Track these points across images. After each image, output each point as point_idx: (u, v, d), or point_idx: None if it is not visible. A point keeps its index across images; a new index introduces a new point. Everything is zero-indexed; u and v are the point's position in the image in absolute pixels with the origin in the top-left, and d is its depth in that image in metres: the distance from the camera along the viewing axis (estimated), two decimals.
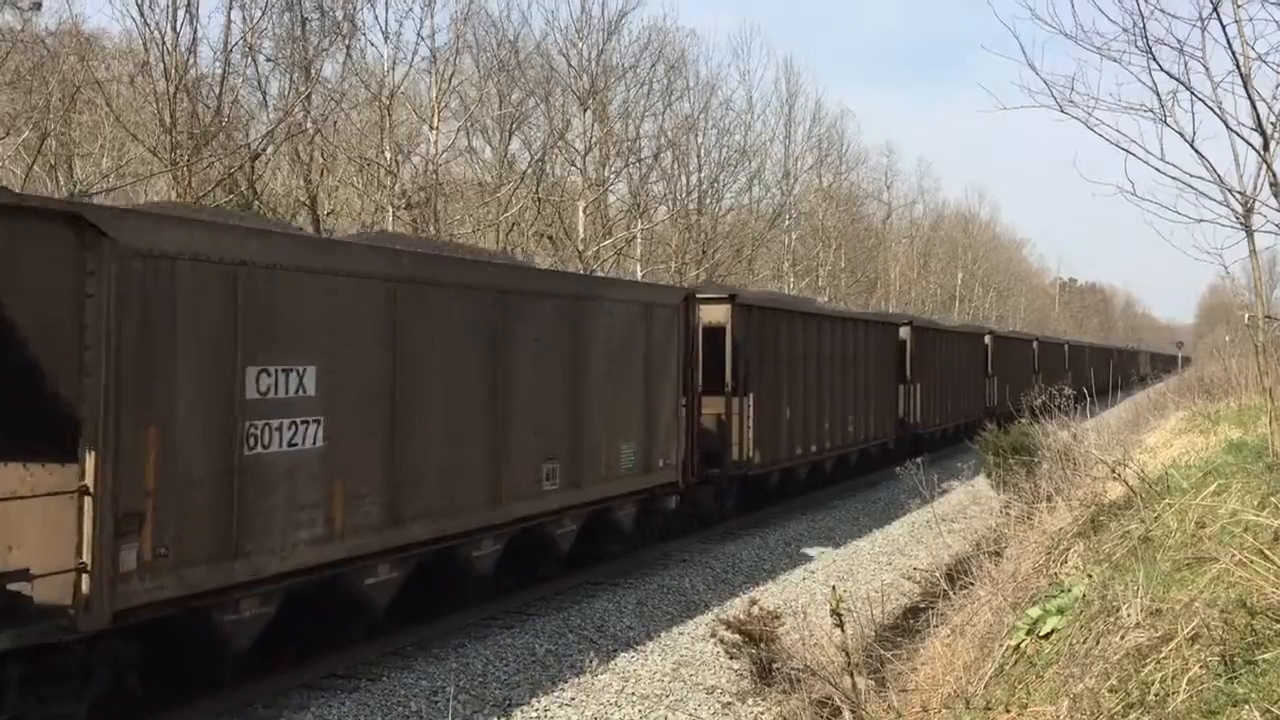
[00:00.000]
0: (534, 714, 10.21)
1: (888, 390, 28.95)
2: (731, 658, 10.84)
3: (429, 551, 11.70)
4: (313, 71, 23.42)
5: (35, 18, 21.91)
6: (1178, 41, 9.03)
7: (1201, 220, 9.33)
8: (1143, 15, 9.06)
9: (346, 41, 24.48)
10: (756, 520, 20.85)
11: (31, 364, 8.19)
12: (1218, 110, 9.04)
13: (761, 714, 10.24)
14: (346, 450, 10.35)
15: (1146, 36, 9.07)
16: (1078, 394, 20.55)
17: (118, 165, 22.74)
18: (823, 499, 24.15)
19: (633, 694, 10.86)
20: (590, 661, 11.59)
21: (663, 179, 36.08)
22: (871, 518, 22.37)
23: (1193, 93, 9.09)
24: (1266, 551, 6.16)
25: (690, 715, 10.40)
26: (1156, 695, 5.39)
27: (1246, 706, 4.98)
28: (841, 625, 8.10)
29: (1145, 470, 11.69)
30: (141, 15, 19.39)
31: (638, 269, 33.06)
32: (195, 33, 20.02)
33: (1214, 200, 9.28)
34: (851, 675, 8.39)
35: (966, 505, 20.50)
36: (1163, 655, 5.66)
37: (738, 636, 10.67)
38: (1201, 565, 6.87)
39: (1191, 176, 9.16)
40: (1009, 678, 7.47)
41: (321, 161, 25.84)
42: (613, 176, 33.23)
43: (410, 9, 29.36)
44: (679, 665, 11.82)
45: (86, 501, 8.09)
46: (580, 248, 30.09)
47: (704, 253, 36.14)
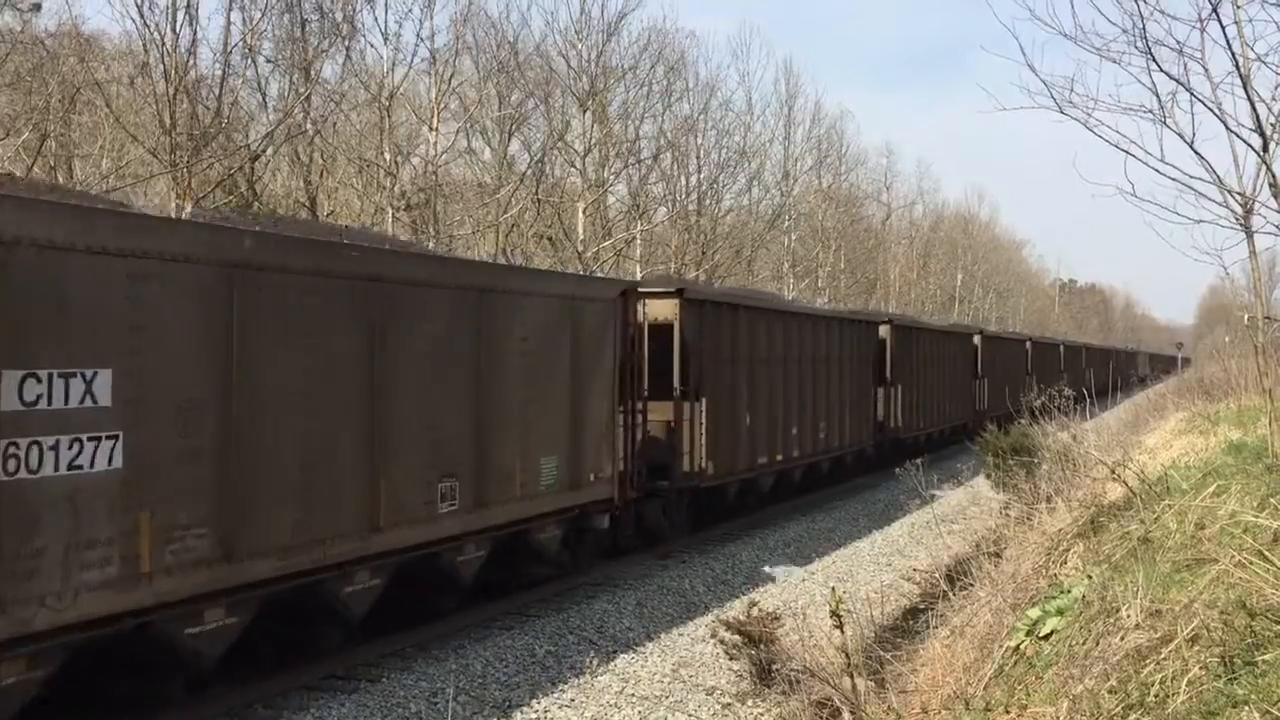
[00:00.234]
0: (534, 715, 10.21)
1: (865, 393, 27.32)
2: (731, 659, 10.84)
3: (282, 590, 9.87)
4: (312, 73, 23.41)
5: (35, 19, 21.95)
6: (1177, 42, 9.06)
7: (1201, 221, 9.36)
8: (1142, 16, 9.09)
9: (346, 43, 24.47)
10: (755, 521, 20.82)
11: None
12: (1217, 111, 9.05)
13: (761, 715, 10.24)
14: (158, 472, 8.54)
15: (1146, 37, 9.09)
16: (1076, 395, 20.51)
17: (117, 166, 22.74)
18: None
19: (633, 695, 10.87)
20: (590, 662, 11.59)
21: (662, 180, 36.07)
22: (871, 519, 22.36)
23: (1192, 94, 9.11)
24: (1266, 553, 6.16)
25: (690, 716, 10.40)
26: (1156, 696, 5.39)
27: (1246, 708, 4.98)
28: (841, 626, 8.10)
29: (1145, 471, 11.69)
30: (141, 17, 19.31)
31: (637, 270, 33.04)
32: (195, 34, 19.96)
33: (1213, 201, 9.30)
34: (851, 676, 8.39)
35: (966, 506, 20.49)
36: (1162, 656, 5.66)
37: (737, 637, 10.67)
38: (1201, 566, 6.87)
39: (1191, 177, 9.19)
40: (1009, 679, 7.47)
41: (321, 163, 25.86)
42: (612, 177, 33.21)
43: (410, 10, 29.32)
44: (679, 666, 11.82)
45: None
46: (580, 249, 30.08)
47: (704, 254, 36.11)
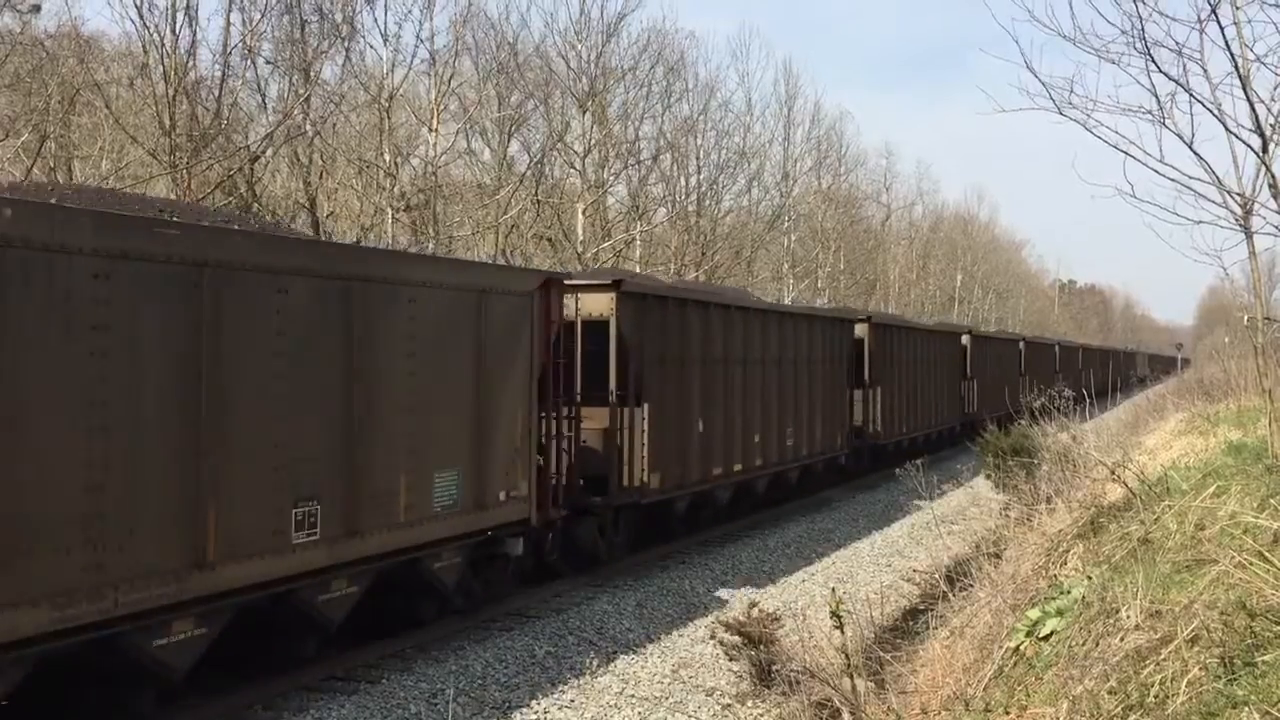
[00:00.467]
0: (534, 716, 10.20)
1: (840, 396, 25.35)
2: (731, 659, 10.84)
3: (60, 648, 7.98)
4: (312, 74, 23.43)
5: (34, 20, 21.93)
6: (1176, 43, 9.05)
7: (1200, 222, 9.35)
8: (1141, 17, 9.08)
9: (346, 44, 24.50)
10: (754, 523, 20.80)
11: None
12: (1216, 112, 9.05)
13: (761, 715, 10.24)
14: None
15: (1145, 38, 9.09)
16: (1075, 397, 20.50)
17: (117, 168, 22.72)
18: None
19: (632, 696, 10.86)
20: (590, 663, 11.59)
21: (662, 181, 36.12)
22: (871, 519, 22.36)
23: (1191, 94, 9.10)
24: (1266, 553, 6.16)
25: (690, 717, 10.40)
26: (1156, 697, 5.39)
27: (1246, 709, 4.98)
28: (841, 627, 8.10)
29: (1145, 472, 11.70)
30: (141, 18, 19.39)
31: (637, 270, 33.03)
32: (195, 35, 20.04)
33: (1213, 202, 9.29)
34: (851, 677, 8.39)
35: (966, 507, 20.50)
36: (1162, 657, 5.66)
37: (737, 638, 10.67)
38: (1201, 567, 6.87)
39: (1190, 178, 9.18)
40: (1008, 679, 7.48)
41: (321, 164, 25.86)
42: (612, 178, 33.26)
43: (409, 11, 29.52)
44: (679, 667, 11.82)
45: None
46: (579, 250, 30.10)
47: (703, 255, 36.14)
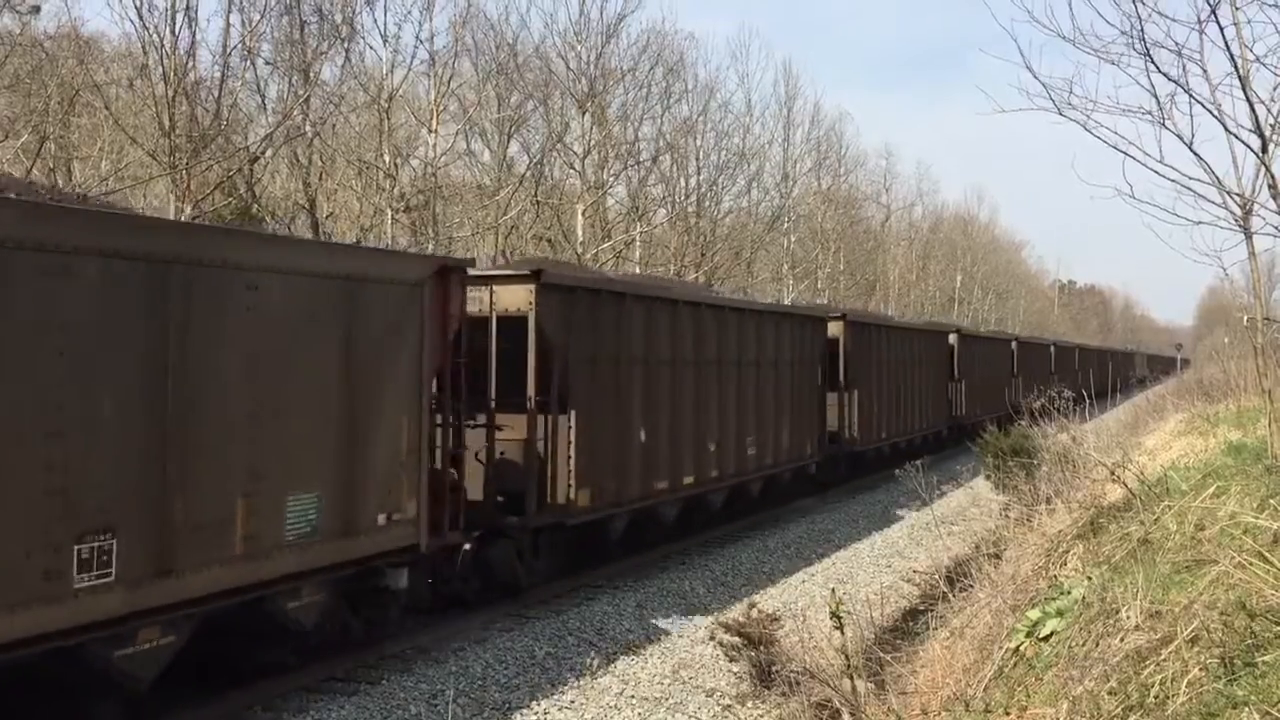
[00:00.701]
0: (534, 717, 10.21)
1: (812, 400, 23.34)
2: (731, 660, 10.84)
3: None
4: (311, 75, 23.43)
5: (34, 21, 21.94)
6: (1176, 44, 9.04)
7: (1200, 223, 9.33)
8: (1140, 18, 9.07)
9: (345, 45, 24.50)
10: (753, 524, 20.78)
11: None
12: (1216, 112, 9.05)
13: (761, 716, 10.24)
14: None
15: (1144, 39, 9.08)
16: (1075, 397, 20.47)
17: (116, 169, 22.74)
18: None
19: (632, 696, 10.87)
20: (590, 664, 11.60)
21: (661, 182, 36.13)
22: (871, 520, 22.36)
23: (1191, 95, 9.09)
24: (1266, 554, 6.15)
25: (690, 717, 10.40)
26: (1156, 698, 5.39)
27: (1246, 709, 4.98)
28: (841, 628, 8.10)
29: (1144, 472, 11.69)
30: (140, 19, 19.39)
31: (636, 271, 33.06)
32: (194, 36, 20.05)
33: (1212, 202, 9.28)
34: (851, 678, 8.39)
35: (966, 507, 20.50)
36: (1162, 657, 5.66)
37: (737, 639, 10.67)
38: (1201, 567, 6.87)
39: (1190, 179, 9.17)
40: (1008, 680, 7.48)
41: (320, 165, 25.86)
42: (611, 179, 33.26)
43: (409, 12, 29.56)
44: (679, 668, 11.82)
45: None
46: (579, 251, 30.10)
47: (703, 256, 36.15)
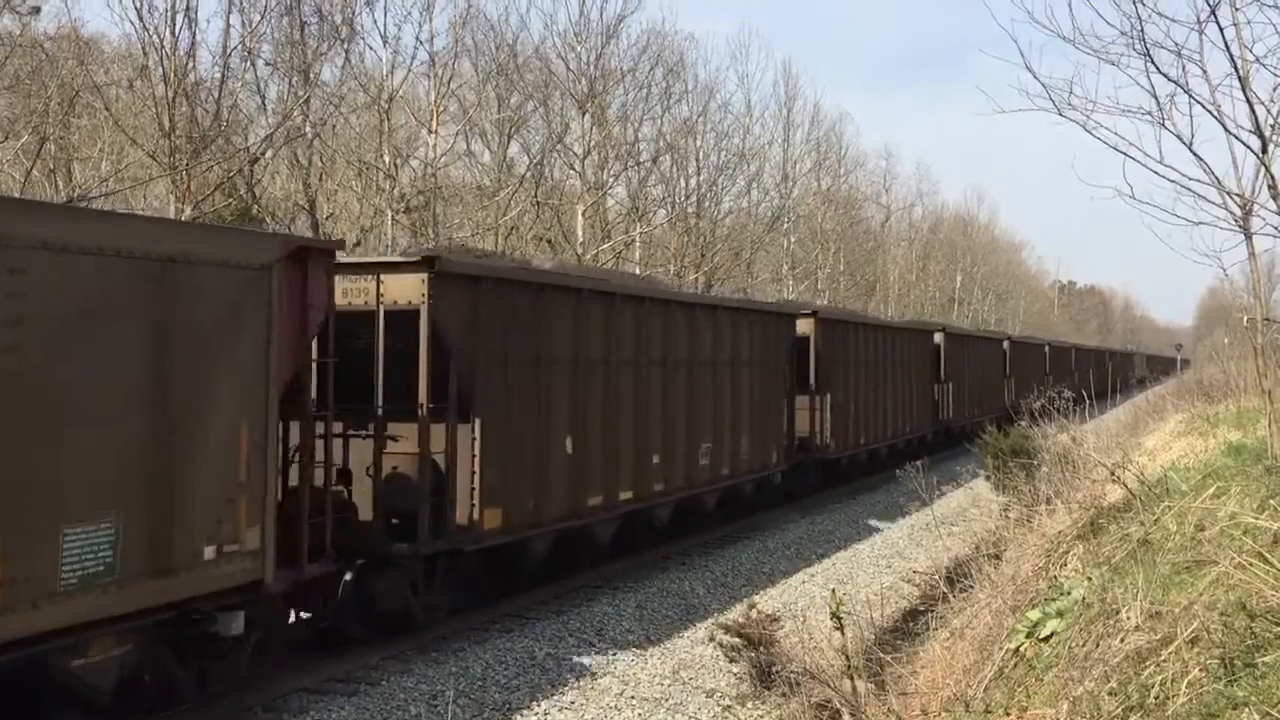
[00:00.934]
0: (534, 717, 10.21)
1: (778, 404, 21.77)
2: (731, 661, 10.85)
3: None
4: (311, 75, 23.45)
5: (34, 21, 21.95)
6: (1175, 44, 9.04)
7: (1200, 223, 9.34)
8: (1140, 18, 9.07)
9: (345, 45, 24.53)
10: (753, 524, 20.75)
11: None
12: (1216, 113, 9.05)
13: (761, 717, 10.24)
14: None
15: (1144, 39, 9.08)
16: (1075, 398, 20.43)
17: (116, 169, 22.74)
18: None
19: (632, 697, 10.87)
20: (590, 664, 11.59)
21: (661, 182, 36.13)
22: (870, 520, 22.37)
23: (1191, 95, 9.10)
24: (1266, 554, 6.16)
25: (690, 718, 10.40)
26: (1156, 698, 5.39)
27: (1246, 709, 4.99)
28: (841, 628, 8.10)
29: (1144, 473, 11.70)
30: (140, 19, 19.43)
31: (636, 272, 33.08)
32: (194, 37, 20.08)
33: (1212, 203, 9.28)
34: (851, 678, 8.39)
35: (966, 508, 20.50)
36: (1162, 658, 5.66)
37: (737, 640, 10.68)
38: (1201, 568, 6.87)
39: (1190, 179, 9.17)
40: (1008, 681, 7.48)
41: (320, 165, 25.88)
42: (611, 180, 33.27)
43: (409, 13, 29.56)
44: (679, 668, 11.83)
45: None
46: (579, 251, 30.11)
47: (703, 256, 36.16)
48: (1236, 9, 8.89)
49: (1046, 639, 7.73)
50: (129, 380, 8.55)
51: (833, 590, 9.75)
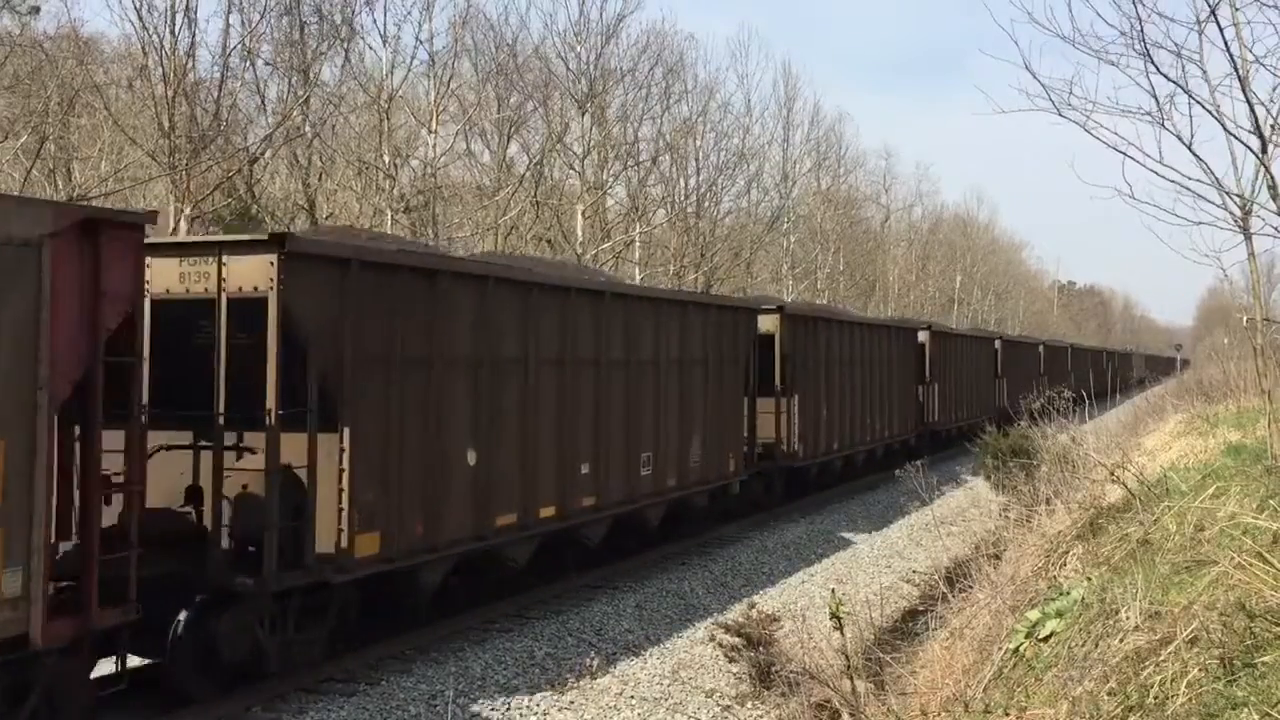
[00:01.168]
0: (534, 717, 10.21)
1: (736, 407, 19.77)
2: (730, 661, 10.86)
3: None
4: (311, 75, 23.47)
5: (34, 21, 21.97)
6: (1175, 45, 9.04)
7: (1199, 223, 9.33)
8: (1140, 19, 9.06)
9: (345, 45, 24.55)
10: (755, 523, 20.69)
11: None
12: (1215, 113, 9.04)
13: (761, 717, 10.25)
14: None
15: (1144, 40, 9.07)
16: (1075, 399, 20.41)
17: (116, 169, 22.75)
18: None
19: (632, 697, 10.87)
20: (589, 664, 11.59)
21: (661, 182, 36.15)
22: (870, 521, 22.36)
23: (1190, 96, 9.09)
24: (1265, 554, 6.16)
25: (690, 718, 10.40)
26: (1156, 698, 5.39)
27: (1246, 709, 4.99)
28: (841, 628, 8.10)
29: (1144, 473, 11.71)
30: (140, 19, 19.46)
31: (636, 272, 33.07)
32: (194, 37, 20.12)
33: (1212, 203, 9.27)
34: (850, 678, 8.39)
35: (966, 508, 20.53)
36: (1162, 658, 5.66)
37: (737, 639, 10.69)
38: (1200, 568, 6.88)
39: (1189, 179, 9.17)
40: (1008, 681, 7.48)
41: (320, 165, 25.89)
42: (611, 180, 33.28)
43: (409, 13, 29.64)
44: (678, 668, 11.83)
45: None
46: (579, 251, 30.11)
47: (702, 256, 36.17)
48: (1236, 9, 8.89)
49: (1046, 639, 7.73)
50: None
51: (832, 590, 9.76)
